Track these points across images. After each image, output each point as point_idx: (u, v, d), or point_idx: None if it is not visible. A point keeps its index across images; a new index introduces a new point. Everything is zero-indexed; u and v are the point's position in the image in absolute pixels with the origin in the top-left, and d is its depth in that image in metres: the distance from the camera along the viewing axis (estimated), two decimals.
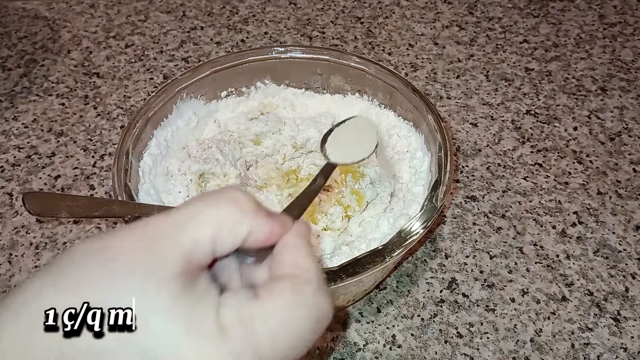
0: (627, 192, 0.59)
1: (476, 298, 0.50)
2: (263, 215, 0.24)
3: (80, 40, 0.80)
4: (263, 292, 0.23)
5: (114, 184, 0.45)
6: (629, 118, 0.67)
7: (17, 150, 0.64)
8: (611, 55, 0.76)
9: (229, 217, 0.23)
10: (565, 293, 0.50)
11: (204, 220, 0.23)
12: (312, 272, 0.24)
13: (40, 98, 0.71)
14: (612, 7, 0.85)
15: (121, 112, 0.69)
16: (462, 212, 0.57)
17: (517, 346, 0.47)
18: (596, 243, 0.54)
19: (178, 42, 0.79)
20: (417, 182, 0.50)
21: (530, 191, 0.59)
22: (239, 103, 0.59)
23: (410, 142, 0.54)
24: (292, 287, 0.23)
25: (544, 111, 0.68)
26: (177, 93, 0.54)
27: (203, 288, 0.22)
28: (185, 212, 0.23)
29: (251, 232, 0.24)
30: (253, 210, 0.24)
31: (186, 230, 0.22)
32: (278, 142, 0.57)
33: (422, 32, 0.80)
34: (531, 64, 0.75)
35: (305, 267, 0.24)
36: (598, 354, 0.46)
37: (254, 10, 0.85)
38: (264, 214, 0.24)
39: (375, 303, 0.50)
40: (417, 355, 0.46)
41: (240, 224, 0.23)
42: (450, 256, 0.53)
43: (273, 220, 0.25)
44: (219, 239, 0.23)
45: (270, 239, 0.25)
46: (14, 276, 0.52)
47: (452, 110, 0.68)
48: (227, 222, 0.23)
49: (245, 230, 0.23)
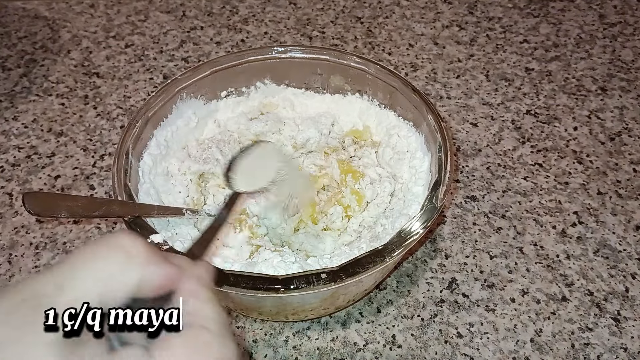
0: (627, 192, 0.59)
1: (476, 298, 0.50)
2: (156, 262, 0.23)
3: (80, 40, 0.80)
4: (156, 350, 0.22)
5: (114, 184, 0.45)
6: (629, 118, 0.67)
7: (17, 150, 0.64)
8: (611, 55, 0.76)
9: (114, 267, 0.22)
10: (566, 293, 0.50)
11: (85, 277, 0.21)
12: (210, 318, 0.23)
13: (40, 98, 0.71)
14: (612, 7, 0.85)
15: (121, 112, 0.69)
16: (462, 212, 0.57)
17: (517, 346, 0.46)
18: (596, 243, 0.54)
19: (178, 42, 0.79)
20: (417, 182, 0.50)
21: (531, 191, 0.59)
22: (239, 103, 0.59)
23: (410, 142, 0.54)
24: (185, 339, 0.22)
25: (544, 111, 0.68)
26: (177, 93, 0.54)
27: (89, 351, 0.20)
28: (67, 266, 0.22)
29: (143, 280, 0.22)
30: (143, 257, 0.23)
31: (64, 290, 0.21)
32: (278, 142, 0.57)
33: (422, 32, 0.80)
34: (531, 64, 0.75)
35: (202, 315, 0.23)
36: (598, 354, 0.46)
37: (254, 10, 0.85)
38: (157, 260, 0.23)
39: (375, 303, 0.50)
40: (417, 355, 0.46)
41: (128, 272, 0.22)
42: (450, 256, 0.53)
43: (167, 265, 0.24)
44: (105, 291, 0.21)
45: (166, 285, 0.23)
46: (14, 276, 0.52)
47: (452, 110, 0.68)
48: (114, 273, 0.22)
49: (135, 279, 0.22)
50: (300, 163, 0.54)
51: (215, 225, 0.34)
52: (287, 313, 0.45)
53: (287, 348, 0.47)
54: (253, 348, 0.47)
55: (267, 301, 0.42)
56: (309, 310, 0.45)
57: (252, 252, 0.47)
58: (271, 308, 0.45)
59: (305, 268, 0.44)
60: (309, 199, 0.48)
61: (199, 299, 0.24)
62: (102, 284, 0.21)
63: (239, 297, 0.42)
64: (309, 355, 0.46)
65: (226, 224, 0.35)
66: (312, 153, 0.56)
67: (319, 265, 0.44)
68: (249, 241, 0.48)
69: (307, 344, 0.47)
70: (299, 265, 0.44)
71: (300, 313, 0.45)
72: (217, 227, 0.34)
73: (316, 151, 0.55)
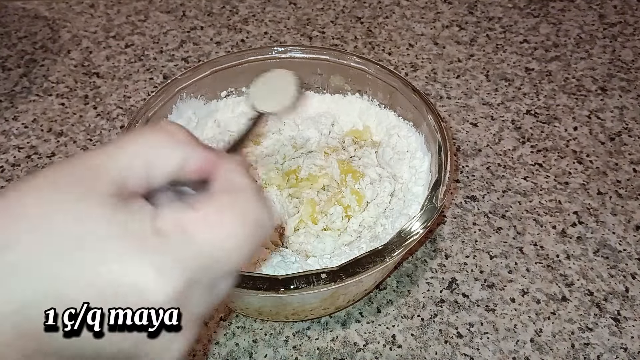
0: (627, 192, 0.59)
1: (476, 298, 0.50)
2: (198, 145, 0.25)
3: (80, 40, 0.80)
4: (199, 204, 0.23)
5: None
6: (629, 118, 0.67)
7: (17, 150, 0.64)
8: (611, 55, 0.76)
9: (161, 144, 0.23)
10: (566, 293, 0.50)
11: (135, 147, 0.23)
12: (247, 184, 0.24)
13: (40, 98, 0.71)
14: (612, 7, 0.85)
15: (121, 112, 0.69)
16: (462, 212, 0.57)
17: (517, 346, 0.47)
18: (596, 243, 0.54)
19: (178, 42, 0.79)
20: (417, 182, 0.50)
21: (530, 191, 0.59)
22: (239, 103, 0.59)
23: (410, 142, 0.54)
24: (227, 195, 0.23)
25: (544, 111, 0.68)
26: (177, 93, 0.54)
27: (137, 206, 0.22)
28: (117, 142, 0.23)
29: (185, 160, 0.24)
30: (186, 140, 0.24)
31: (117, 156, 0.22)
32: (278, 142, 0.57)
33: (422, 32, 0.80)
34: (531, 64, 0.75)
35: (240, 182, 0.24)
36: (598, 354, 0.46)
37: (254, 10, 0.85)
38: (199, 144, 0.25)
39: (375, 303, 0.50)
40: (417, 355, 0.46)
41: (173, 150, 0.24)
42: (450, 256, 0.53)
43: (208, 150, 0.25)
44: (151, 164, 0.23)
45: (206, 167, 0.25)
46: None
47: (452, 110, 0.68)
48: (160, 149, 0.23)
49: (179, 157, 0.24)
50: (301, 163, 0.54)
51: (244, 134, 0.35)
52: (287, 313, 0.46)
53: (287, 348, 0.47)
54: (253, 348, 0.47)
55: (267, 301, 0.43)
56: (309, 310, 0.45)
57: None
58: (271, 308, 0.45)
59: (305, 268, 0.44)
60: None
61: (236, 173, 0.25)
62: (148, 157, 0.23)
63: (239, 297, 0.42)
64: (309, 355, 0.46)
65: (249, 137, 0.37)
66: (312, 153, 0.56)
67: (319, 265, 0.44)
68: None
69: (307, 344, 0.47)
70: (299, 265, 0.44)
71: (300, 313, 0.45)
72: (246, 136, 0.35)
73: (316, 151, 0.55)
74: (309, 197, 0.52)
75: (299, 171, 0.54)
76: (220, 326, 0.48)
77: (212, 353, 0.46)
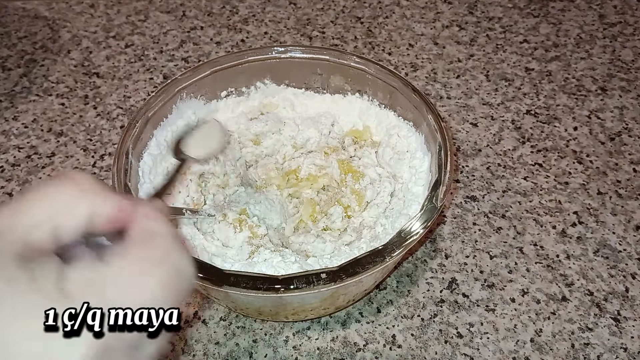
0: (627, 192, 0.59)
1: (476, 298, 0.50)
2: (107, 194, 0.24)
3: (80, 40, 0.80)
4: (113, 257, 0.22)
5: (114, 184, 0.45)
6: (629, 118, 0.67)
7: (17, 150, 0.64)
8: (611, 55, 0.76)
9: (66, 197, 0.22)
10: (566, 293, 0.50)
11: (39, 203, 0.22)
12: (165, 231, 0.24)
13: (40, 98, 0.71)
14: (612, 7, 0.85)
15: (121, 112, 0.69)
16: (462, 212, 0.57)
17: (517, 346, 0.46)
18: (596, 243, 0.54)
19: (178, 42, 0.79)
20: (417, 182, 0.50)
21: (530, 191, 0.59)
22: (239, 103, 0.59)
23: (410, 142, 0.54)
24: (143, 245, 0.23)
25: (544, 111, 0.68)
26: (177, 93, 0.54)
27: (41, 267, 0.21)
28: (22, 198, 0.22)
29: (94, 211, 0.23)
30: (94, 189, 0.23)
31: (21, 214, 0.21)
32: (278, 142, 0.57)
33: (422, 32, 0.80)
34: (531, 64, 0.75)
35: (158, 230, 0.24)
36: (598, 354, 0.46)
37: (254, 10, 0.85)
38: (109, 192, 0.24)
39: (375, 303, 0.50)
40: (417, 355, 0.46)
41: (79, 202, 0.23)
42: (450, 256, 0.53)
43: (119, 197, 0.24)
44: (57, 220, 0.22)
45: (118, 216, 0.24)
46: None
47: (452, 110, 0.68)
48: (65, 203, 0.22)
49: (86, 209, 0.23)
50: (301, 163, 0.54)
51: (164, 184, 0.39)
52: (287, 313, 0.45)
53: (287, 348, 0.47)
54: (253, 348, 0.47)
55: (267, 301, 0.42)
56: (309, 310, 0.45)
57: (252, 252, 0.47)
58: (271, 308, 0.45)
59: (305, 268, 0.44)
60: None
61: (154, 220, 0.24)
62: (54, 213, 0.22)
63: (239, 297, 0.42)
64: (309, 355, 0.46)
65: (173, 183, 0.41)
66: (312, 153, 0.56)
67: (319, 265, 0.44)
68: (249, 241, 0.48)
69: (307, 344, 0.47)
70: (299, 265, 0.44)
71: (300, 313, 0.45)
72: (165, 185, 0.39)
73: (316, 151, 0.55)
74: (309, 197, 0.52)
75: (299, 171, 0.54)
76: (220, 326, 0.48)
77: (212, 353, 0.46)
